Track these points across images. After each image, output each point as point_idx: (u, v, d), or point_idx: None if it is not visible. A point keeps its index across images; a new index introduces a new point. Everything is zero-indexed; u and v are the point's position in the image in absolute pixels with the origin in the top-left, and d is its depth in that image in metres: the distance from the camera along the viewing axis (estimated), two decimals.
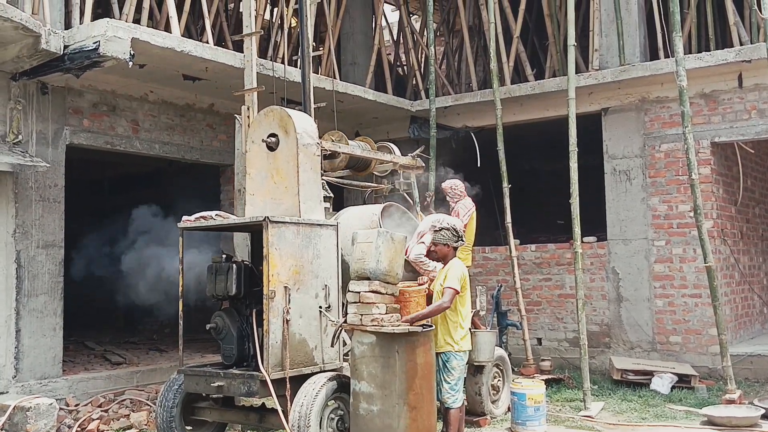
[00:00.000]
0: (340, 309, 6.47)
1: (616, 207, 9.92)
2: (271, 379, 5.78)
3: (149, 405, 7.90)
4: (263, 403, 6.66)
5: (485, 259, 10.98)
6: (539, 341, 10.44)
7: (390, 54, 14.23)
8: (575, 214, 8.28)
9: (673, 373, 8.76)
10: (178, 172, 12.36)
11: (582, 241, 8.65)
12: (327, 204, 7.11)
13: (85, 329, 12.09)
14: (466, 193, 8.17)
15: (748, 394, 8.09)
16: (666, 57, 9.62)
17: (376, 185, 8.49)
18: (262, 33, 7.32)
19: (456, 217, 7.70)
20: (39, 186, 7.81)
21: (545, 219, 12.80)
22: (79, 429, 7.33)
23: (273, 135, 6.68)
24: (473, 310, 7.02)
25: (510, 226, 9.66)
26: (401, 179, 8.47)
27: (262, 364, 5.85)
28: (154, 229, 9.22)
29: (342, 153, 7.54)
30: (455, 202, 8.18)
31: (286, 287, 5.99)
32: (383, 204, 7.69)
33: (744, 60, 8.77)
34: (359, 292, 5.79)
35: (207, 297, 6.58)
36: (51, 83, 7.91)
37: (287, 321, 5.95)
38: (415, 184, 8.65)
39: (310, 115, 7.31)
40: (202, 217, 6.59)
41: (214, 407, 6.60)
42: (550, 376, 9.18)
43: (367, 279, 5.82)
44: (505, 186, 9.65)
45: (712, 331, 8.68)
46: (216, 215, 6.62)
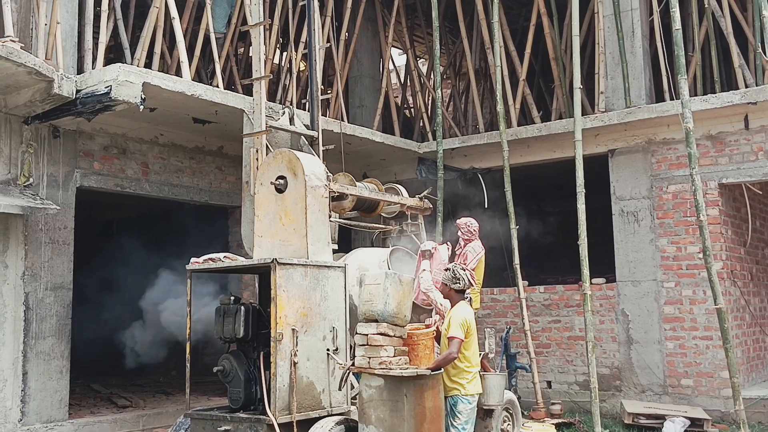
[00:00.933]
0: (347, 352, 6.43)
1: (624, 248, 9.88)
2: (279, 423, 5.72)
3: None
4: None
5: (494, 301, 10.92)
6: (549, 384, 10.32)
7: (397, 96, 14.39)
8: (584, 255, 8.25)
9: (686, 417, 8.62)
10: (187, 213, 12.41)
11: (591, 283, 8.61)
12: (335, 245, 7.12)
13: (92, 371, 12.02)
14: (477, 235, 8.13)
15: None
16: (672, 99, 9.68)
17: (383, 227, 8.51)
18: (271, 77, 7.41)
19: (464, 259, 7.69)
20: (49, 228, 7.86)
21: (554, 259, 12.76)
22: None
23: (282, 177, 6.72)
24: (482, 352, 6.95)
25: (518, 267, 9.63)
26: (409, 220, 8.48)
27: (269, 407, 5.80)
28: (161, 271, 9.22)
29: (350, 195, 7.58)
30: (465, 241, 8.16)
31: (293, 329, 5.97)
32: (391, 248, 7.71)
33: (750, 102, 8.82)
34: (367, 334, 5.76)
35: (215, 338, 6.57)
36: (63, 127, 8.01)
37: (295, 364, 5.92)
38: (423, 225, 8.66)
39: (318, 157, 7.37)
40: (210, 259, 6.60)
41: None
42: (560, 420, 9.06)
43: (375, 321, 5.79)
44: (513, 227, 9.65)
45: (724, 374, 8.57)
46: (224, 257, 6.63)
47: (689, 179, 8.35)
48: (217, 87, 8.55)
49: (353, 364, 5.88)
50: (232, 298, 6.44)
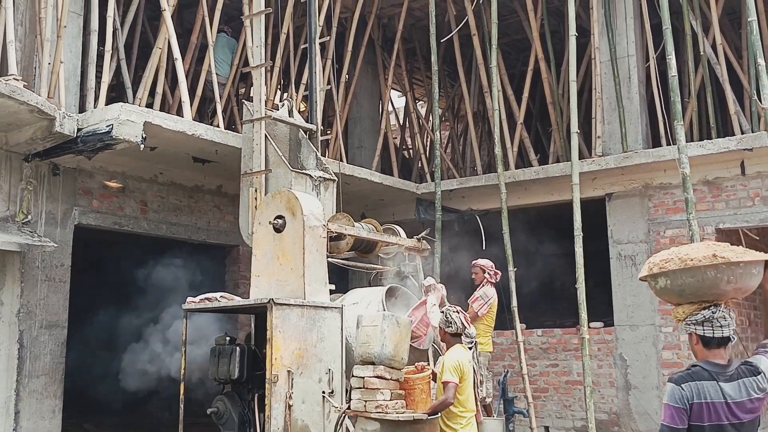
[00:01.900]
0: (343, 394, 6.37)
1: (622, 292, 9.86)
2: None
3: None
4: None
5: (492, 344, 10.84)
6: (547, 429, 10.19)
7: (396, 138, 14.50)
8: (581, 299, 8.23)
9: None
10: (184, 251, 12.39)
11: (589, 327, 8.57)
12: (332, 286, 7.11)
13: (84, 411, 11.87)
14: (491, 280, 8.06)
15: None
16: (668, 144, 9.75)
17: (381, 267, 8.50)
18: (271, 117, 7.48)
19: (473, 302, 7.71)
20: (45, 266, 7.84)
21: (552, 302, 12.72)
22: None
23: (280, 217, 6.74)
24: (481, 396, 6.88)
25: (516, 310, 9.59)
26: (407, 261, 8.47)
27: None
28: (157, 310, 9.18)
29: (348, 235, 7.59)
30: (478, 284, 8.13)
31: (289, 371, 5.92)
32: (388, 286, 7.68)
33: (746, 148, 8.88)
34: (363, 377, 5.71)
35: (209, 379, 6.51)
36: (63, 164, 8.05)
37: (290, 406, 5.86)
38: (421, 266, 8.65)
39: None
40: (206, 299, 6.58)
41: None
42: None
43: (372, 363, 5.74)
44: (511, 269, 9.64)
45: None
46: (221, 297, 6.61)
47: (686, 224, 8.37)
48: (218, 127, 8.62)
49: (349, 407, 5.82)
50: (227, 338, 6.40)
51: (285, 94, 11.10)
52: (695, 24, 10.06)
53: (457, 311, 6.12)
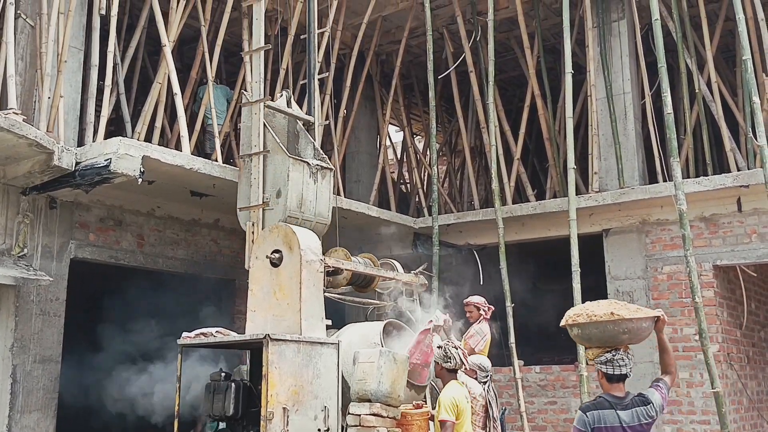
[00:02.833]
0: None
1: None
2: None
3: None
4: None
5: None
6: None
7: (394, 172, 14.56)
8: None
9: None
10: (181, 284, 12.33)
11: (587, 363, 8.50)
12: (328, 321, 7.06)
13: None
14: (485, 316, 8.00)
15: None
16: (664, 180, 9.78)
17: (378, 302, 8.46)
18: (269, 152, 7.50)
19: (469, 338, 7.63)
20: (40, 299, 7.79)
21: (549, 339, 12.63)
22: None
23: (277, 251, 6.73)
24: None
25: (514, 346, 9.52)
26: (404, 296, 8.44)
27: None
28: (152, 344, 9.10)
29: (345, 269, 7.57)
30: (472, 321, 8.07)
31: (284, 408, 5.85)
32: (385, 321, 7.64)
33: (742, 185, 8.91)
34: (360, 414, 5.66)
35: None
36: (60, 198, 8.04)
37: None
38: (418, 301, 8.61)
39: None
40: (202, 334, 6.53)
41: None
42: None
43: (368, 401, 5.70)
44: (508, 305, 9.59)
45: None
46: (216, 332, 6.56)
47: (684, 260, 8.36)
48: (216, 161, 8.64)
49: None
50: (222, 374, 6.34)
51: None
52: (690, 62, 10.17)
53: (456, 347, 6.09)
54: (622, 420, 4.11)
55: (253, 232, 7.37)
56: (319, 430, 6.11)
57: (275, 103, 7.63)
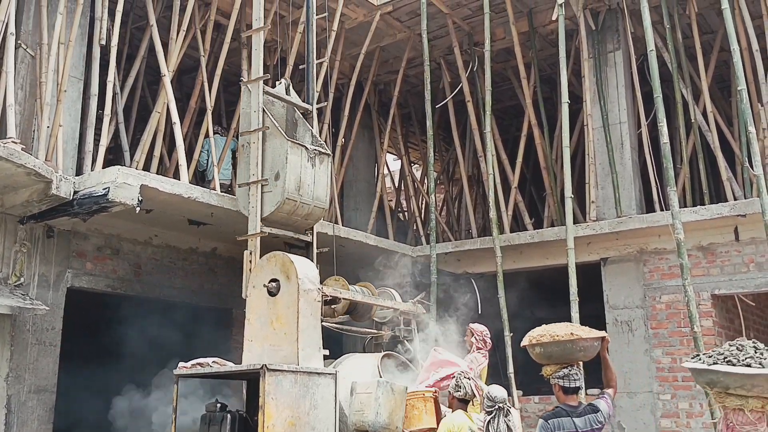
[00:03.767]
0: None
1: (619, 358, 9.74)
2: None
3: None
4: None
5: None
6: None
7: (392, 200, 14.57)
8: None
9: None
10: (177, 313, 12.27)
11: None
12: (325, 351, 7.02)
13: None
14: (477, 345, 7.92)
15: None
16: (662, 209, 9.80)
17: (376, 332, 8.42)
18: (266, 182, 7.52)
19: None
20: (36, 329, 7.74)
21: None
22: None
23: (274, 280, 6.71)
24: None
25: (512, 376, 9.46)
26: (402, 326, 8.40)
27: None
28: (147, 373, 9.03)
29: (343, 299, 7.54)
30: (469, 349, 8.00)
31: None
32: (384, 353, 7.60)
33: (739, 214, 8.93)
34: None
35: None
36: (57, 227, 8.03)
37: None
38: (416, 330, 8.57)
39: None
40: (198, 364, 6.49)
41: None
42: None
43: None
44: (507, 334, 9.55)
45: None
46: (213, 362, 6.52)
47: (682, 289, 8.35)
48: (214, 190, 8.65)
49: None
50: (218, 405, 6.28)
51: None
52: (686, 92, 10.25)
53: (468, 377, 6.09)
54: (577, 426, 4.74)
55: (251, 260, 7.36)
56: None
57: (274, 90, 7.68)
